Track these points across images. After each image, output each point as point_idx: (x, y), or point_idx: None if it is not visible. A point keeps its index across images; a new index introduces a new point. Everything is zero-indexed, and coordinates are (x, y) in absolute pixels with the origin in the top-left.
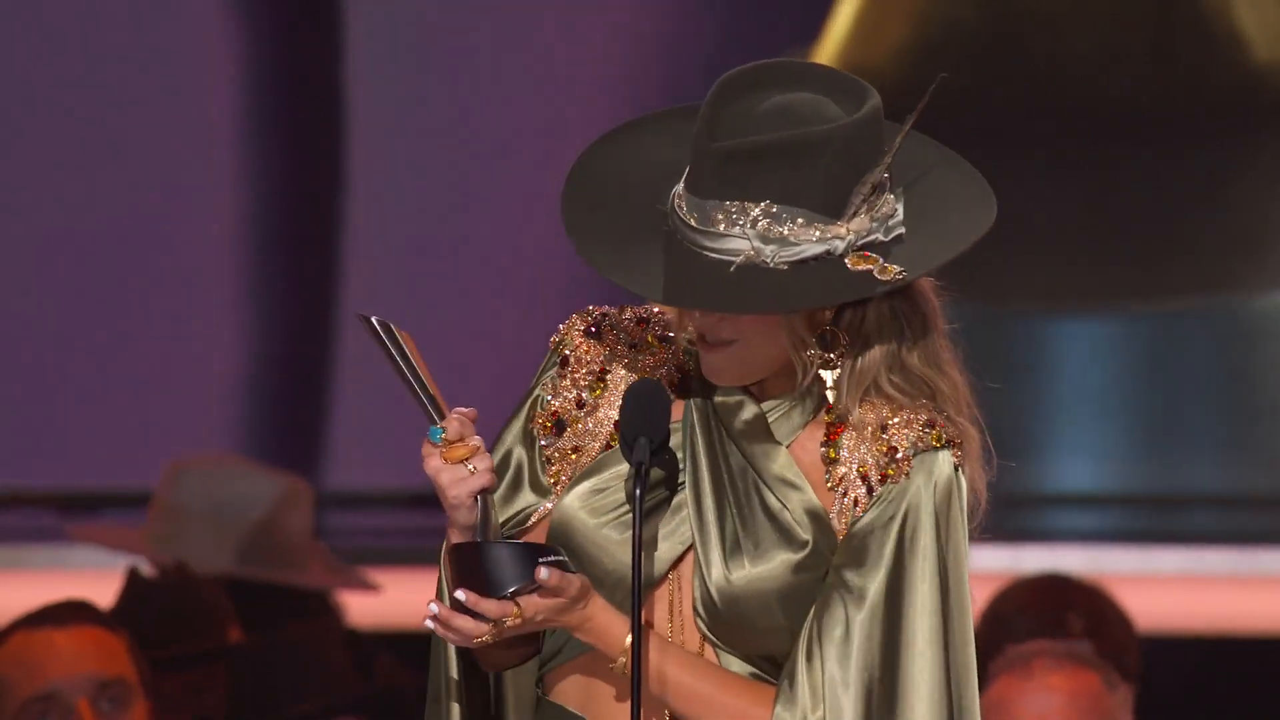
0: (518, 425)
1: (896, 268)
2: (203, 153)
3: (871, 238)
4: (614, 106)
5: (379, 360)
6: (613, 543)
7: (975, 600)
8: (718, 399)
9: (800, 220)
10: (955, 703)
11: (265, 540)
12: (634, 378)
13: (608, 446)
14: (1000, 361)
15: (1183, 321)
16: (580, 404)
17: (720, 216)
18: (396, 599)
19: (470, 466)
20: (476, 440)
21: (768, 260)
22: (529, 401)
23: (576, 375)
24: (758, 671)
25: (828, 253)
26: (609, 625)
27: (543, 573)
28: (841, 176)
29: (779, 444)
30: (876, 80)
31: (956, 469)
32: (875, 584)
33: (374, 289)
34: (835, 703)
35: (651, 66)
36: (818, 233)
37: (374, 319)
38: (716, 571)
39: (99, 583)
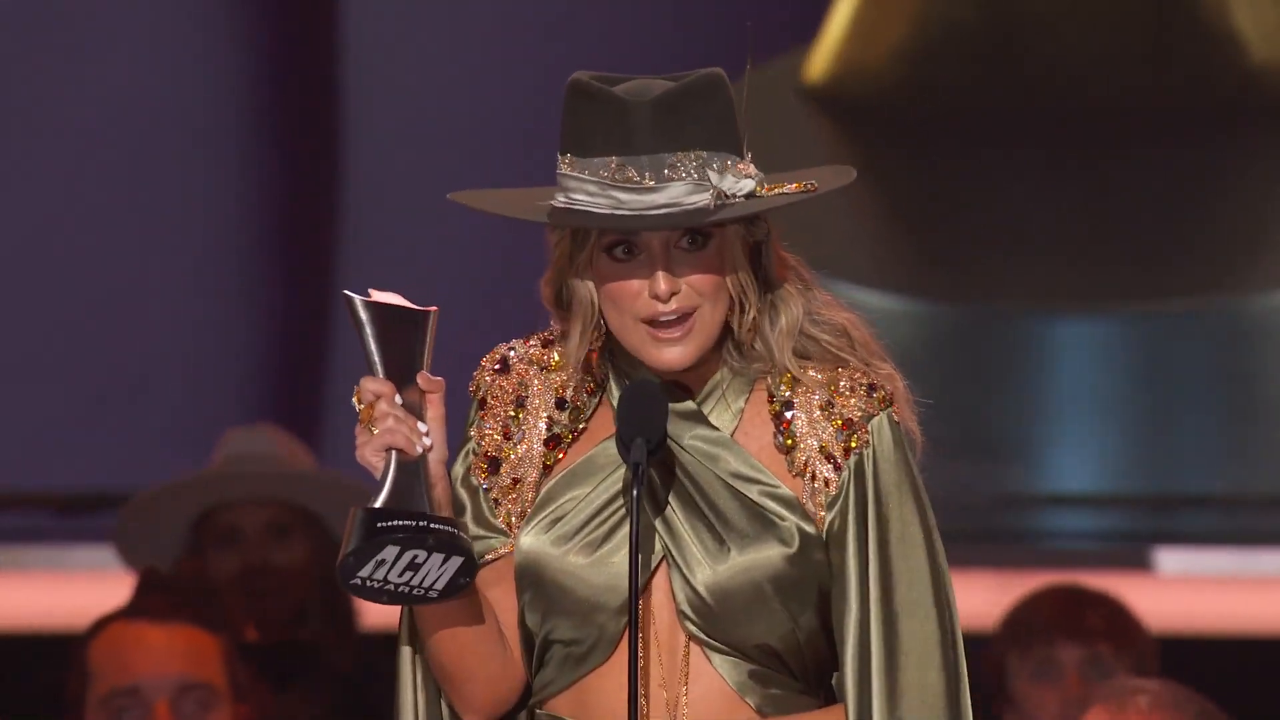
0: (459, 475)
1: (805, 182)
2: (199, 153)
3: (759, 174)
4: None
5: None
6: (582, 569)
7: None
8: None
9: (730, 161)
10: (951, 653)
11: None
12: (550, 396)
13: (545, 470)
14: (1000, 361)
15: (1182, 321)
16: (508, 435)
17: (668, 171)
18: None
19: (373, 429)
20: (384, 405)
21: (732, 195)
22: (462, 454)
23: (497, 410)
24: (756, 668)
25: (754, 187)
26: None
27: None
28: (730, 121)
29: (721, 433)
30: (875, 80)
31: (898, 425)
32: (867, 556)
33: (371, 288)
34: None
35: (649, 68)
36: (744, 171)
37: (345, 294)
38: (701, 571)
39: (99, 583)
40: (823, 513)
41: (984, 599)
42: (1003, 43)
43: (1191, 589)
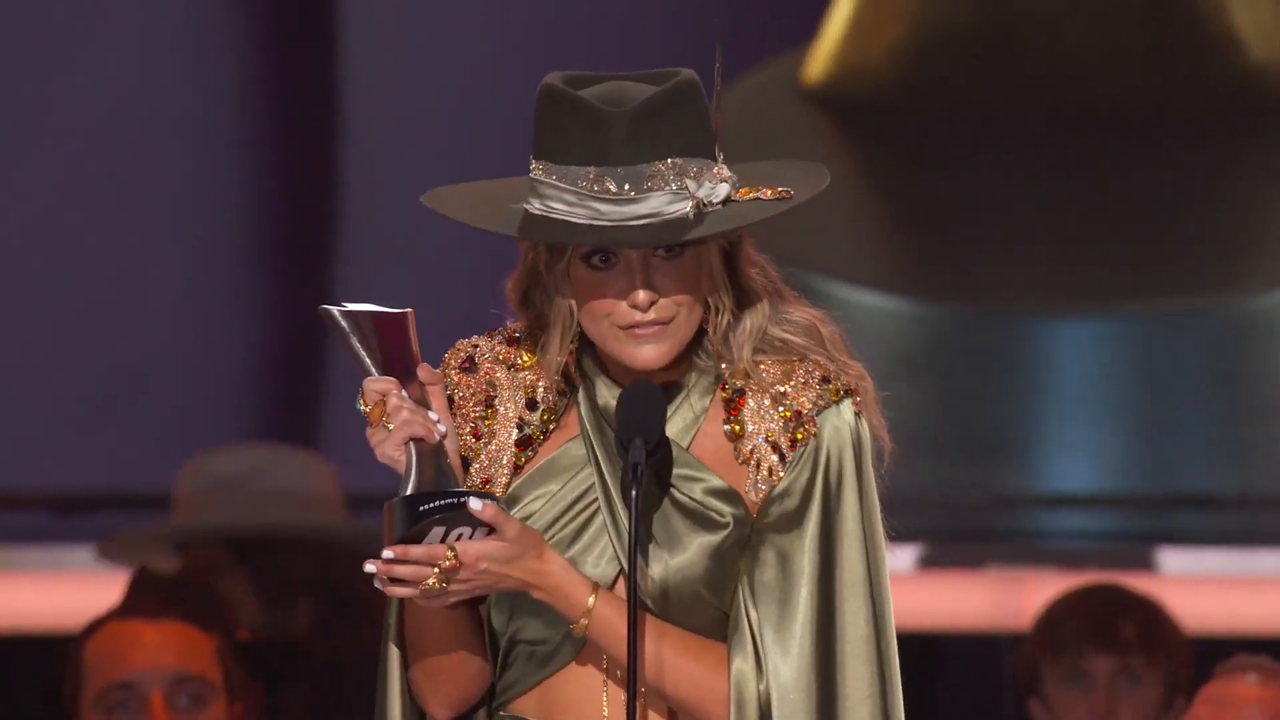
0: None
1: (780, 188)
2: (197, 153)
3: (733, 176)
4: None
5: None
6: None
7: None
8: (603, 403)
9: (707, 166)
10: (881, 649)
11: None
12: (520, 396)
13: (515, 469)
14: (998, 361)
15: (1180, 321)
16: (477, 435)
17: (648, 183)
18: None
19: (388, 425)
20: (394, 399)
21: (709, 203)
22: None
23: (466, 410)
24: None
25: (730, 192)
26: (568, 583)
27: (474, 503)
28: (706, 124)
29: (667, 437)
30: (874, 80)
31: (858, 416)
32: (804, 545)
33: (369, 290)
34: (775, 667)
35: (648, 68)
36: (719, 175)
37: (323, 309)
38: (645, 575)
39: (96, 583)
40: (762, 502)
41: (984, 599)
42: (1002, 43)
43: (1192, 589)
